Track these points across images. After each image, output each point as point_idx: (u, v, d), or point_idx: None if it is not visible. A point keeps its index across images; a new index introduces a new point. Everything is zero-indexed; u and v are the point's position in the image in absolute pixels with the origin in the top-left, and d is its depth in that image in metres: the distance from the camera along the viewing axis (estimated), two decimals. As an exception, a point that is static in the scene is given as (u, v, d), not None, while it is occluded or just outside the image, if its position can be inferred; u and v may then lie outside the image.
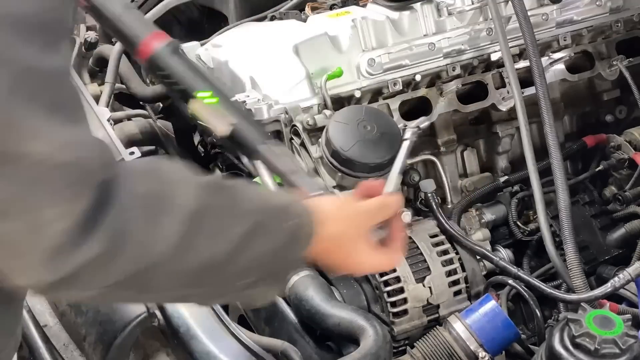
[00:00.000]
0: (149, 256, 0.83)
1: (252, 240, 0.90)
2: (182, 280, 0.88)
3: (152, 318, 1.33)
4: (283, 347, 1.32)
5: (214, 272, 0.89)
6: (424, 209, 1.63)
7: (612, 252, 1.64)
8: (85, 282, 0.81)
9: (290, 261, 0.99)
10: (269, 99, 1.59)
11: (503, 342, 1.34)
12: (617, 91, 1.91)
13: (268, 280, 0.96)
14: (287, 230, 0.94)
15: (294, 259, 0.98)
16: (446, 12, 1.69)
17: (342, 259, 1.05)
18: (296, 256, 0.97)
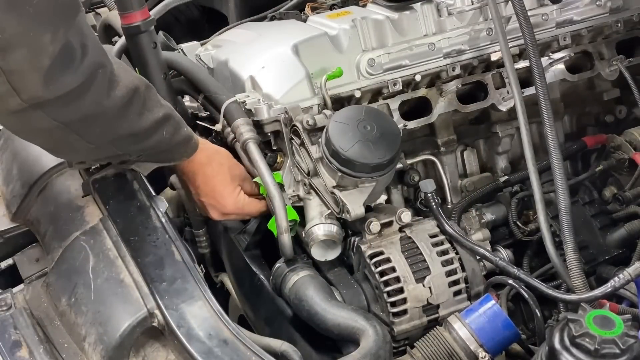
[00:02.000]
0: (101, 106, 1.22)
1: (161, 125, 1.37)
2: (109, 137, 1.30)
3: (152, 318, 1.33)
4: (283, 347, 1.32)
5: (132, 140, 1.34)
6: (424, 209, 1.64)
7: (612, 252, 1.64)
8: (61, 108, 1.16)
9: (174, 154, 1.49)
10: (269, 99, 1.59)
11: (503, 342, 1.34)
12: (617, 91, 1.91)
13: (154, 158, 1.49)
14: (183, 133, 1.45)
15: (177, 154, 1.49)
16: (446, 12, 1.69)
17: (209, 187, 1.55)
18: (179, 154, 1.49)
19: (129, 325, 1.32)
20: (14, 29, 1.03)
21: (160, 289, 1.34)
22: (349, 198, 1.44)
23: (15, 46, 1.05)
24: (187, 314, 1.32)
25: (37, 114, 1.13)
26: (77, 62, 1.15)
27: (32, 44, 1.07)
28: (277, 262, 1.52)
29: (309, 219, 1.52)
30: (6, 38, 1.03)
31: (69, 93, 1.14)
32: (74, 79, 1.14)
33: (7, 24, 1.02)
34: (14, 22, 1.04)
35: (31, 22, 1.05)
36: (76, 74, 1.14)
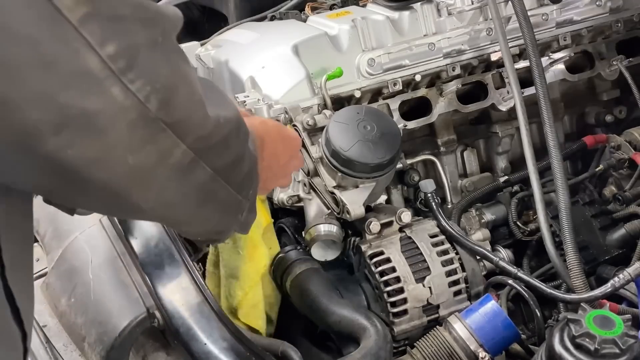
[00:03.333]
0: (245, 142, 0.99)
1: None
2: (244, 174, 1.00)
3: (152, 318, 1.33)
4: (283, 347, 1.32)
5: (235, 167, 1.00)
6: (424, 209, 1.64)
7: (612, 252, 1.64)
8: (223, 150, 0.92)
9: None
10: (269, 99, 1.59)
11: (503, 342, 1.34)
12: (617, 91, 1.91)
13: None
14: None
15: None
16: (446, 12, 1.69)
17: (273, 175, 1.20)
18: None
19: (128, 325, 1.31)
20: (168, 68, 0.86)
21: (160, 289, 1.34)
22: (349, 198, 1.44)
23: (177, 86, 0.87)
24: (187, 314, 1.32)
25: (199, 165, 0.91)
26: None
27: (187, 76, 0.89)
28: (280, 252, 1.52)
29: (309, 219, 1.52)
30: (166, 83, 0.84)
31: (230, 131, 0.95)
32: (232, 113, 0.96)
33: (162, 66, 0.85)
34: (167, 62, 0.86)
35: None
36: (231, 108, 0.97)
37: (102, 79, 0.75)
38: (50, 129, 0.75)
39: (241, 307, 1.41)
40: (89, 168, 0.79)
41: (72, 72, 0.74)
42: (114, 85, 0.76)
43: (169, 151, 0.84)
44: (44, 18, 0.72)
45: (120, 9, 0.78)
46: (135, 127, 0.79)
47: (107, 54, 0.75)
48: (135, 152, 0.80)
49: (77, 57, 0.74)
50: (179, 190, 0.89)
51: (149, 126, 0.80)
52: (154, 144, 0.82)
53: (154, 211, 0.90)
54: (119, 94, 0.77)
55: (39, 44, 0.73)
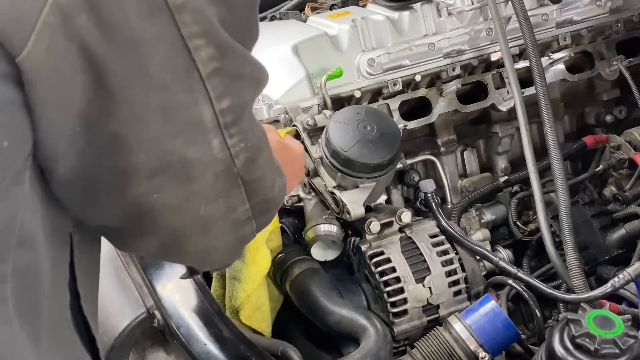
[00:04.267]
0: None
1: None
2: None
3: (152, 318, 1.33)
4: (283, 347, 1.32)
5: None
6: (424, 209, 1.63)
7: (612, 252, 1.64)
8: (272, 209, 0.95)
9: None
10: (269, 99, 1.59)
11: (503, 342, 1.34)
12: (617, 91, 1.91)
13: None
14: None
15: None
16: (446, 13, 1.69)
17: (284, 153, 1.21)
18: None
19: (128, 325, 1.31)
20: (260, 128, 0.87)
21: (160, 289, 1.34)
22: (349, 198, 1.44)
23: (262, 148, 0.88)
24: (187, 314, 1.32)
25: (250, 222, 0.92)
26: None
27: (268, 140, 0.90)
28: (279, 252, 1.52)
29: (309, 219, 1.52)
30: (256, 143, 0.85)
31: (283, 197, 0.98)
32: (284, 179, 0.99)
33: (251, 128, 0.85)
34: (258, 123, 0.88)
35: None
36: (282, 172, 0.99)
37: (208, 131, 0.78)
38: (147, 173, 0.77)
39: (243, 309, 1.41)
40: (166, 214, 0.81)
41: (186, 122, 0.77)
42: (216, 137, 0.79)
43: (234, 208, 0.87)
44: (180, 68, 0.75)
45: (242, 68, 0.82)
46: (218, 179, 0.82)
47: (220, 108, 0.78)
48: (209, 204, 0.83)
49: (195, 108, 0.76)
50: (226, 241, 0.92)
51: (229, 180, 0.83)
52: (227, 197, 0.84)
53: (196, 256, 0.92)
54: (217, 146, 0.79)
55: (168, 90, 0.75)
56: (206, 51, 0.76)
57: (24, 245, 0.73)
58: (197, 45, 0.75)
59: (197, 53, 0.75)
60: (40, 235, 0.76)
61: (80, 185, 0.77)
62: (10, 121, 0.71)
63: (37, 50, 0.69)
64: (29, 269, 0.75)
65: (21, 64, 0.69)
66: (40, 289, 0.77)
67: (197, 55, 0.75)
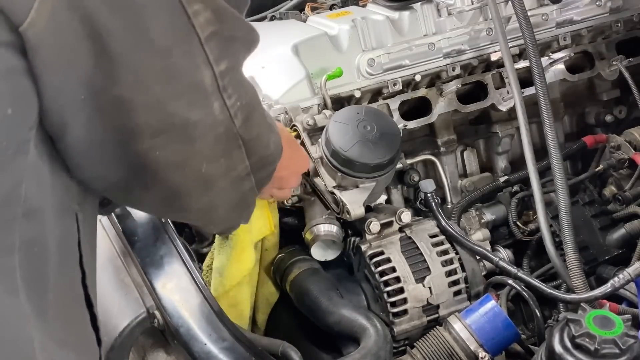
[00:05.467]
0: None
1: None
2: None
3: (152, 318, 1.33)
4: (283, 347, 1.32)
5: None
6: (424, 209, 1.63)
7: (612, 252, 1.64)
8: (267, 166, 1.00)
9: None
10: (269, 99, 1.59)
11: (503, 342, 1.34)
12: (617, 91, 1.91)
13: None
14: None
15: None
16: (446, 12, 1.69)
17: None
18: None
19: (128, 325, 1.31)
20: (251, 86, 0.93)
21: (160, 289, 1.34)
22: (349, 198, 1.44)
23: (256, 105, 0.93)
24: (187, 314, 1.32)
25: (249, 178, 0.96)
26: None
27: (258, 97, 0.96)
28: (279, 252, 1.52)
29: (309, 219, 1.52)
30: (249, 100, 0.90)
31: (278, 153, 1.03)
32: (279, 136, 1.04)
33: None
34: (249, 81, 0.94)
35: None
36: (276, 130, 1.04)
37: (210, 94, 0.81)
38: (150, 132, 0.80)
39: (220, 303, 1.41)
40: (167, 171, 0.84)
41: (189, 85, 0.80)
42: (217, 100, 0.82)
43: (235, 166, 0.91)
44: (180, 33, 0.78)
45: (236, 31, 0.85)
46: (219, 140, 0.85)
47: (220, 71, 0.81)
48: (210, 163, 0.86)
49: (196, 72, 0.80)
50: (228, 196, 0.96)
51: (230, 141, 0.87)
52: (228, 158, 0.88)
53: (199, 212, 0.96)
54: (217, 107, 0.83)
55: (170, 56, 0.78)
56: (204, 15, 0.78)
57: (31, 217, 0.76)
58: (195, 10, 0.77)
59: (195, 18, 0.78)
60: (48, 208, 0.79)
61: (89, 147, 0.80)
62: (14, 89, 0.73)
63: (40, 18, 0.71)
64: (36, 242, 0.78)
65: (24, 32, 0.71)
66: (48, 262, 0.80)
67: (196, 20, 0.78)
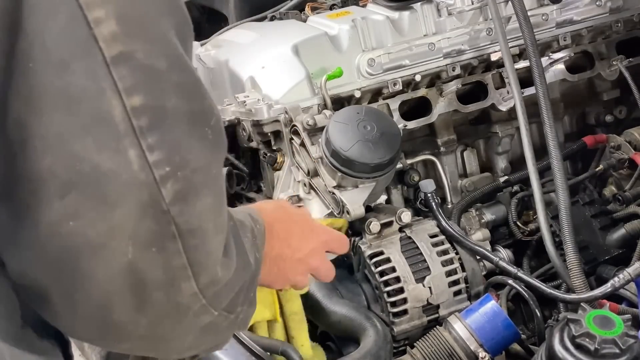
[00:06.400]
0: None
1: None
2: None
3: (152, 318, 1.32)
4: (283, 347, 1.32)
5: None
6: (424, 209, 1.63)
7: (612, 252, 1.64)
8: (228, 292, 0.79)
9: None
10: (269, 99, 1.59)
11: (503, 342, 1.34)
12: (617, 91, 1.91)
13: None
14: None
15: None
16: (446, 12, 1.69)
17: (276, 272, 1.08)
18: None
19: (128, 325, 1.31)
20: (199, 159, 0.71)
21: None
22: (349, 198, 1.44)
23: (202, 188, 0.70)
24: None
25: (208, 311, 0.76)
26: None
27: (220, 186, 0.75)
28: None
29: (309, 219, 1.52)
30: (190, 175, 0.68)
31: (245, 281, 0.83)
32: (253, 258, 0.86)
33: (193, 156, 0.69)
34: (199, 151, 0.71)
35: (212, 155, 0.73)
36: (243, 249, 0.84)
37: (121, 134, 0.65)
38: (58, 187, 0.65)
39: None
40: (85, 254, 0.67)
41: (94, 116, 0.65)
42: (132, 147, 0.65)
43: (176, 281, 0.70)
44: (80, 45, 0.63)
45: (156, 61, 0.67)
46: (145, 213, 0.66)
47: (132, 105, 0.65)
48: (138, 247, 0.67)
49: (101, 99, 0.64)
50: (179, 330, 0.75)
51: (159, 221, 0.67)
52: (161, 251, 0.68)
53: (143, 341, 0.75)
54: (135, 159, 0.66)
55: (71, 74, 0.64)
56: (107, 26, 0.63)
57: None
58: (97, 18, 0.63)
59: (97, 28, 0.63)
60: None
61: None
62: None
63: None
64: None
65: None
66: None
67: (98, 31, 0.63)
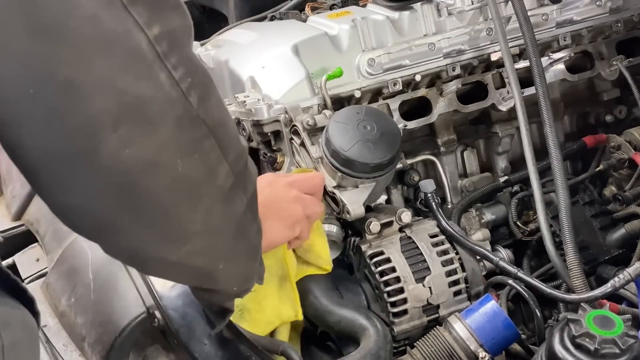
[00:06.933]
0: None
1: None
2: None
3: (152, 318, 1.33)
4: (283, 347, 1.32)
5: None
6: (424, 209, 1.63)
7: (612, 252, 1.64)
8: (251, 177, 0.97)
9: None
10: (269, 99, 1.59)
11: (503, 342, 1.34)
12: (617, 91, 1.91)
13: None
14: None
15: None
16: (446, 12, 1.69)
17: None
18: None
19: (128, 325, 1.32)
20: (202, 64, 0.88)
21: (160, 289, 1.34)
22: (349, 198, 1.44)
23: (211, 87, 0.88)
24: (187, 313, 1.32)
25: (238, 193, 0.91)
26: None
27: (213, 82, 0.91)
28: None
29: (309, 219, 1.52)
30: (202, 80, 0.85)
31: (247, 157, 0.97)
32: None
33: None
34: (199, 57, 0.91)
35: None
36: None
37: (151, 62, 0.77)
38: (111, 122, 0.75)
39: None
40: (143, 175, 0.79)
41: (128, 53, 0.75)
42: (161, 70, 0.78)
43: (215, 169, 0.86)
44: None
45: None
46: (182, 125, 0.80)
47: (154, 35, 0.77)
48: (184, 158, 0.81)
49: (130, 37, 0.76)
50: (223, 216, 0.90)
51: (194, 126, 0.82)
52: (201, 152, 0.83)
53: (200, 237, 0.89)
54: (166, 80, 0.78)
55: (102, 23, 0.74)
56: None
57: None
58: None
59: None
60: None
61: (54, 161, 0.77)
62: None
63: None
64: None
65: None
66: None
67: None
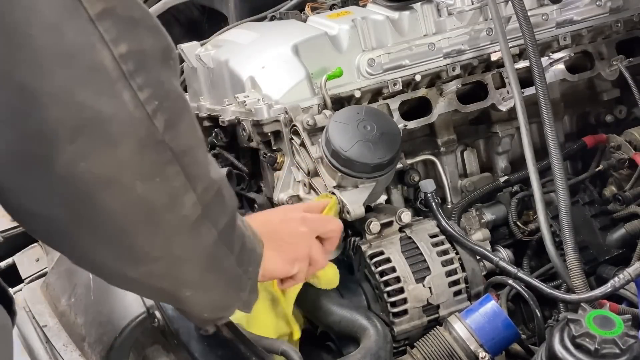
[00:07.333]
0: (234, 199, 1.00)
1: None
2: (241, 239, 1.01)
3: (152, 318, 1.33)
4: (283, 347, 1.32)
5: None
6: (424, 209, 1.63)
7: (612, 252, 1.64)
8: (221, 206, 0.93)
9: None
10: (269, 99, 1.59)
11: (503, 342, 1.34)
12: (617, 91, 1.91)
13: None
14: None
15: None
16: (446, 12, 1.69)
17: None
18: None
19: (128, 325, 1.31)
20: (175, 87, 0.85)
21: (160, 289, 1.34)
22: (349, 198, 1.44)
23: (182, 112, 0.85)
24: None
25: (205, 224, 0.88)
26: None
27: (189, 106, 0.88)
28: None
29: (309, 219, 1.52)
30: (172, 105, 0.83)
31: (222, 186, 0.93)
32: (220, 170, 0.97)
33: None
34: (173, 80, 0.85)
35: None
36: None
37: (114, 80, 0.76)
38: (67, 133, 0.75)
39: None
40: (99, 189, 0.78)
41: (89, 67, 0.75)
42: (125, 89, 0.77)
43: (179, 197, 0.83)
44: (67, 8, 0.74)
45: (134, 12, 0.79)
46: (145, 146, 0.79)
47: (119, 53, 0.76)
48: (145, 181, 0.80)
49: (93, 52, 0.75)
50: (188, 246, 0.88)
51: (157, 150, 0.80)
52: (164, 178, 0.81)
53: (160, 262, 0.87)
54: (130, 100, 0.77)
55: (63, 34, 0.74)
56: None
57: None
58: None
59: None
60: None
61: (7, 159, 0.77)
62: None
63: None
64: None
65: None
66: None
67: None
